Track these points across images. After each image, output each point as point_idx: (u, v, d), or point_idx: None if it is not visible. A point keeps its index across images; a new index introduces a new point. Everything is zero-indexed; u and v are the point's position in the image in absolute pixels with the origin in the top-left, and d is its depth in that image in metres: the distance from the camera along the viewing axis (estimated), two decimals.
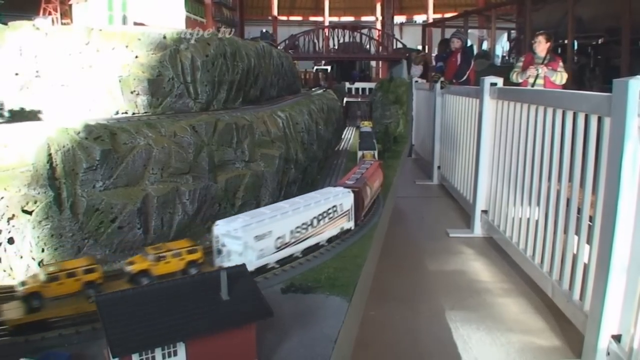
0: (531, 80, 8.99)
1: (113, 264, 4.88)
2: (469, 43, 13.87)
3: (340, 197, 5.23)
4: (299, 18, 56.77)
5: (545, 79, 8.93)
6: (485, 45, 39.32)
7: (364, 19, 54.75)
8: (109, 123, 5.38)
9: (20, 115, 5.91)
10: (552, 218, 4.82)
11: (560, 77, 8.91)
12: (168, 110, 6.59)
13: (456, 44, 11.55)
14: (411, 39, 47.83)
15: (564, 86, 9.01)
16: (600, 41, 21.14)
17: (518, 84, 9.06)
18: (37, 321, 3.46)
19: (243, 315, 2.96)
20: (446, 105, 10.12)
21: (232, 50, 8.09)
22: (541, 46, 9.19)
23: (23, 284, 3.69)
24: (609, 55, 20.18)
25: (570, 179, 4.50)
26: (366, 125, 12.42)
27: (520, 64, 9.44)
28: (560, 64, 9.14)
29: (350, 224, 5.39)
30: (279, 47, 11.36)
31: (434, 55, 17.93)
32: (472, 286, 5.55)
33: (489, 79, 6.83)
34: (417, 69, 15.13)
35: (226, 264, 3.88)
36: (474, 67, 11.65)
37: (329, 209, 5.00)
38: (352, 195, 5.37)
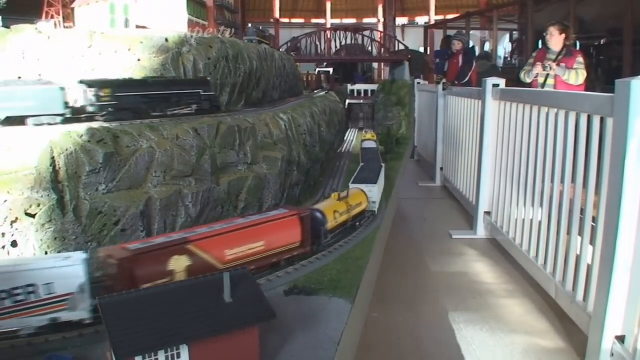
0: (541, 79, 7.96)
1: None
2: (471, 44, 13.89)
3: (48, 273, 3.36)
4: (301, 20, 56.95)
5: (557, 79, 7.83)
6: (487, 47, 39.32)
7: (365, 21, 54.92)
8: (112, 126, 5.39)
9: None
10: (555, 219, 4.81)
11: (575, 76, 7.66)
12: None
13: (457, 46, 11.52)
14: (413, 40, 47.94)
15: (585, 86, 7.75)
16: (602, 42, 21.12)
17: (529, 85, 8.15)
18: None
19: (246, 318, 2.96)
20: (449, 106, 10.12)
21: (234, 53, 8.11)
22: (554, 39, 7.96)
23: None
24: (612, 55, 20.17)
25: (573, 180, 4.50)
26: (370, 139, 10.45)
27: (532, 60, 8.37)
28: (579, 59, 7.81)
29: (79, 315, 3.45)
30: (268, 42, 11.33)
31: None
32: (475, 287, 5.54)
33: (491, 80, 6.83)
34: None
35: None
36: (476, 68, 11.64)
37: (11, 290, 3.27)
38: (81, 268, 3.42)
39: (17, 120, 5.41)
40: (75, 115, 5.78)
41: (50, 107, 5.59)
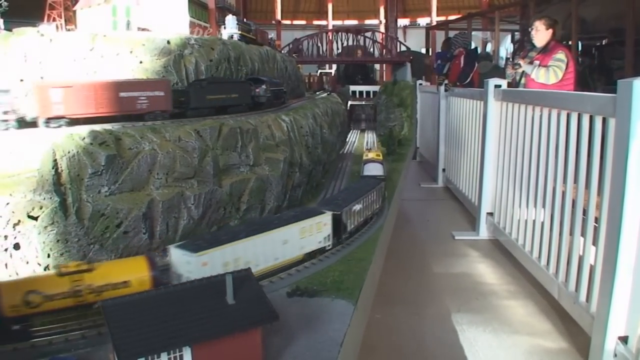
0: (518, 77, 7.45)
1: None
2: (473, 45, 13.90)
3: None
4: (303, 22, 56.92)
5: (528, 77, 7.29)
6: (489, 47, 39.30)
7: (367, 22, 54.84)
8: (114, 128, 5.40)
9: None
10: (558, 220, 4.80)
11: (545, 74, 6.94)
12: None
13: (457, 51, 11.55)
14: (415, 41, 47.85)
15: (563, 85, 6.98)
16: (604, 42, 21.09)
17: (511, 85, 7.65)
18: None
19: (249, 319, 2.96)
20: (451, 107, 10.11)
21: (236, 55, 8.12)
22: (540, 34, 7.28)
23: None
24: (613, 56, 20.13)
25: (576, 181, 4.49)
26: (374, 159, 8.63)
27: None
28: (557, 56, 7.04)
29: None
30: (254, 37, 11.05)
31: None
32: (477, 288, 5.53)
33: (493, 81, 6.81)
34: None
35: None
36: (477, 69, 11.63)
37: None
38: None
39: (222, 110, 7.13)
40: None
41: (244, 99, 7.72)
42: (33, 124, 5.54)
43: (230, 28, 9.99)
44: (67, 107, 5.56)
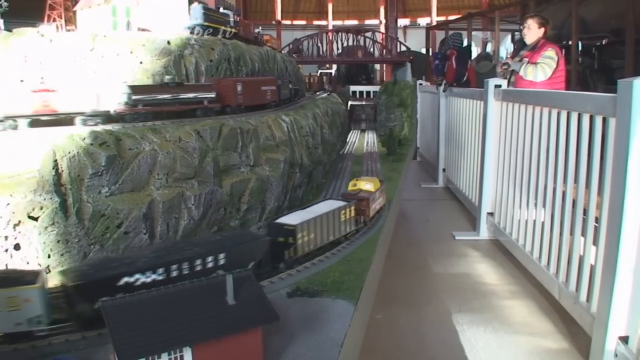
0: (508, 76, 7.35)
1: None
2: (465, 43, 13.88)
3: None
4: (303, 22, 56.90)
5: (517, 75, 7.20)
6: (489, 47, 39.28)
7: (367, 22, 54.83)
8: (114, 129, 5.40)
9: None
10: (558, 219, 4.80)
11: (533, 71, 6.88)
12: None
13: (448, 52, 11.55)
14: (415, 41, 47.86)
15: (553, 83, 6.91)
16: (604, 42, 21.07)
17: None
18: None
19: (249, 320, 2.96)
20: (450, 107, 10.11)
21: (236, 55, 8.13)
22: (532, 32, 7.20)
23: None
24: (614, 55, 20.12)
25: (576, 180, 4.49)
26: (363, 191, 5.97)
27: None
28: (546, 54, 6.94)
29: None
30: (235, 30, 9.56)
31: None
32: (478, 289, 5.53)
33: (493, 81, 6.81)
34: None
35: None
36: (472, 67, 11.62)
37: None
38: None
39: (285, 101, 9.61)
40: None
41: (289, 94, 10.02)
42: (221, 112, 6.99)
43: (196, 18, 8.25)
44: (243, 97, 7.46)
